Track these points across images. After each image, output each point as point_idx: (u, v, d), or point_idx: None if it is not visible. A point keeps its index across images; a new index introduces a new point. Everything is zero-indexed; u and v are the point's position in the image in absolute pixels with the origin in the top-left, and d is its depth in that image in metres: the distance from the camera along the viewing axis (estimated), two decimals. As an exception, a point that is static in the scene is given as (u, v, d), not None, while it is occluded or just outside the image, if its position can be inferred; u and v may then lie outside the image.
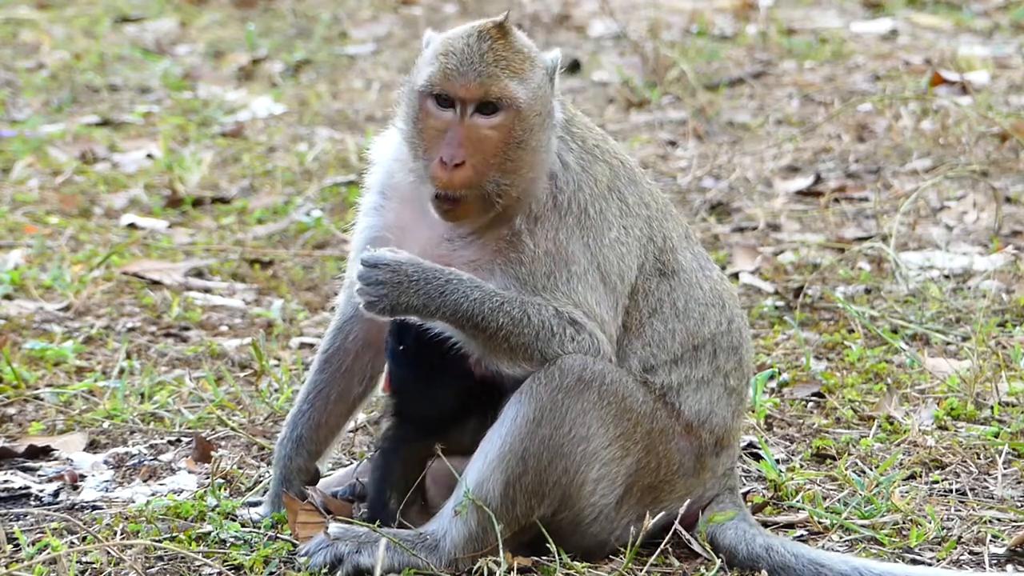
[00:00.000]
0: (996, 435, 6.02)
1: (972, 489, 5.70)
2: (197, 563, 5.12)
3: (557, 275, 5.03)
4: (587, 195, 5.11)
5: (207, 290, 7.93)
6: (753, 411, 6.18)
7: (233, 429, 6.21)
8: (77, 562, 5.10)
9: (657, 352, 5.14)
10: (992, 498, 5.63)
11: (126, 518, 5.45)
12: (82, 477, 5.89)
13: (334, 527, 5.02)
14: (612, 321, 5.07)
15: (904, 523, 5.40)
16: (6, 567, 5.07)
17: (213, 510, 5.42)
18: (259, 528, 5.33)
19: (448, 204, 5.01)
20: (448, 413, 5.12)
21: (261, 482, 5.73)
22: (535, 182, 5.08)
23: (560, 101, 5.18)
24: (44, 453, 6.07)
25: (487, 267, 5.04)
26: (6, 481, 5.85)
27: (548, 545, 5.02)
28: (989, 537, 5.29)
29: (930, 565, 5.15)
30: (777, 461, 5.82)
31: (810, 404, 6.44)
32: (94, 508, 5.63)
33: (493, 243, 5.06)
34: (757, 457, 5.85)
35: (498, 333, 4.94)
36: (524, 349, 4.97)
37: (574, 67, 12.00)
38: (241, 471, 5.84)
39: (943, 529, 5.36)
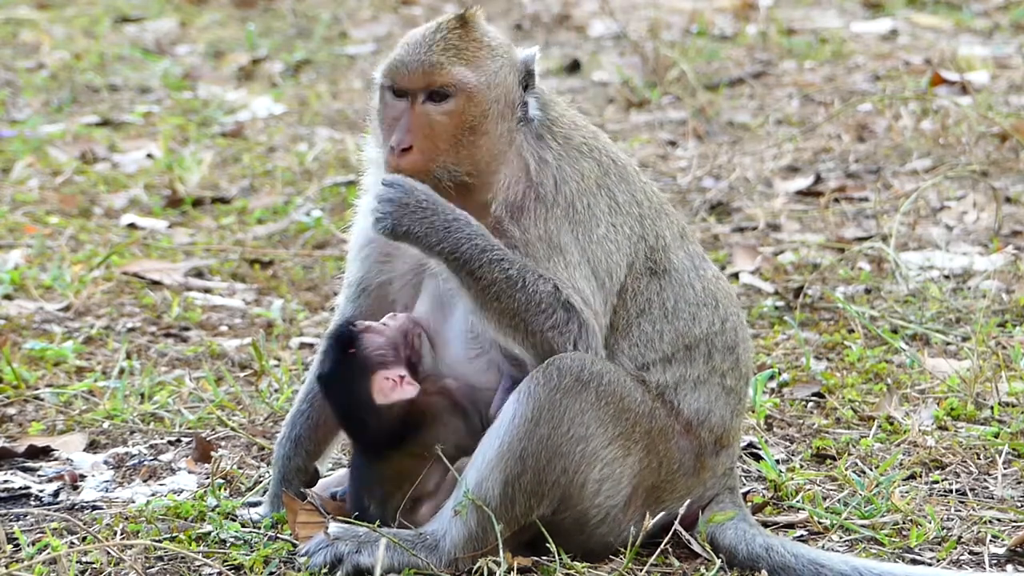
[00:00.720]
0: (996, 435, 6.02)
1: (972, 489, 5.70)
2: (197, 563, 5.12)
3: (555, 260, 5.03)
4: (573, 189, 5.11)
5: (207, 290, 7.93)
6: (753, 411, 6.18)
7: (233, 429, 6.21)
8: (77, 562, 5.10)
9: (645, 352, 5.14)
10: (992, 498, 5.63)
11: (126, 518, 5.45)
12: (82, 477, 5.89)
13: (334, 527, 5.02)
14: (603, 312, 5.08)
15: (904, 523, 5.40)
16: (6, 567, 5.07)
17: (213, 510, 5.42)
18: (259, 528, 5.33)
19: None
20: (391, 431, 5.11)
21: (261, 482, 5.73)
22: (493, 170, 5.08)
23: (541, 100, 5.18)
24: (44, 453, 6.07)
25: None
26: (6, 481, 5.85)
27: (548, 545, 5.02)
28: (989, 537, 5.29)
29: (930, 565, 5.15)
30: (777, 461, 5.82)
31: (810, 404, 6.43)
32: (94, 508, 5.63)
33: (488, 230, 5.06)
34: (757, 457, 5.85)
35: (490, 288, 4.94)
36: (512, 315, 4.96)
37: (574, 67, 12.01)
38: (241, 471, 5.84)
39: (943, 529, 5.36)
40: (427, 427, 5.10)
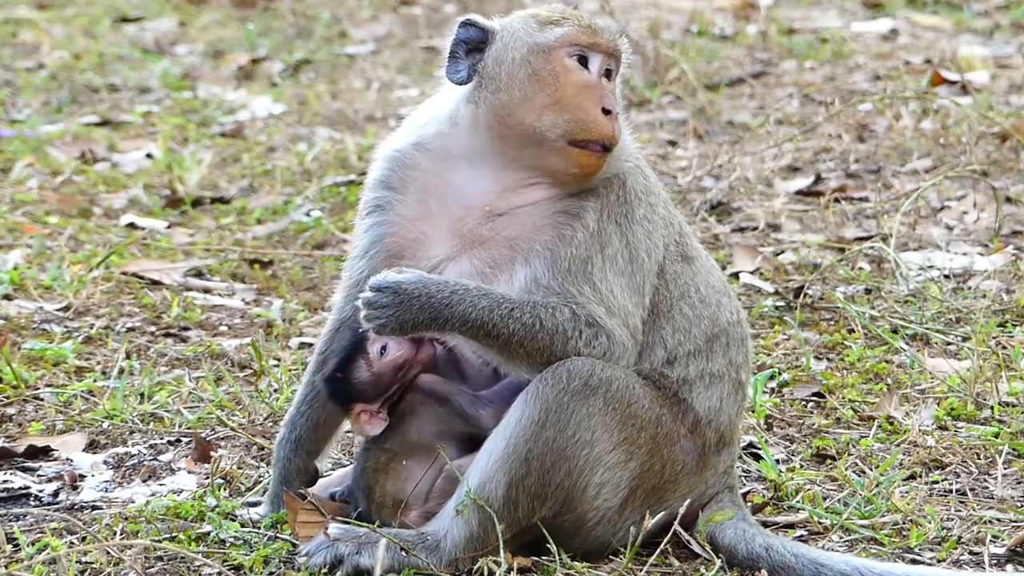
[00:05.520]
0: (996, 435, 6.02)
1: (972, 489, 5.70)
2: (197, 563, 5.12)
3: (593, 260, 5.02)
4: (624, 169, 5.16)
5: (207, 290, 7.93)
6: (753, 411, 6.18)
7: (233, 429, 6.21)
8: (77, 562, 5.10)
9: (684, 340, 5.14)
10: (992, 498, 5.62)
11: (126, 518, 5.44)
12: (82, 477, 5.89)
13: (334, 527, 5.02)
14: (636, 309, 5.06)
15: (904, 523, 5.39)
16: (6, 567, 5.07)
17: (213, 510, 5.42)
18: (259, 528, 5.32)
19: (601, 154, 5.04)
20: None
21: (261, 482, 5.73)
22: (629, 148, 5.18)
23: None
24: (44, 453, 6.07)
25: (525, 246, 5.03)
26: (6, 481, 5.85)
27: (549, 545, 5.02)
28: (989, 537, 5.29)
29: (930, 565, 5.15)
30: (777, 461, 5.81)
31: (810, 404, 6.43)
32: (94, 508, 5.63)
33: (547, 217, 5.06)
34: (757, 457, 5.85)
35: (511, 339, 4.93)
36: (540, 353, 4.96)
37: (574, 67, 11.99)
38: (241, 471, 5.84)
39: (943, 529, 5.36)
40: (404, 422, 5.14)
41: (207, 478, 5.79)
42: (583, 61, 5.08)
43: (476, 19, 5.22)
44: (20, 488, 5.80)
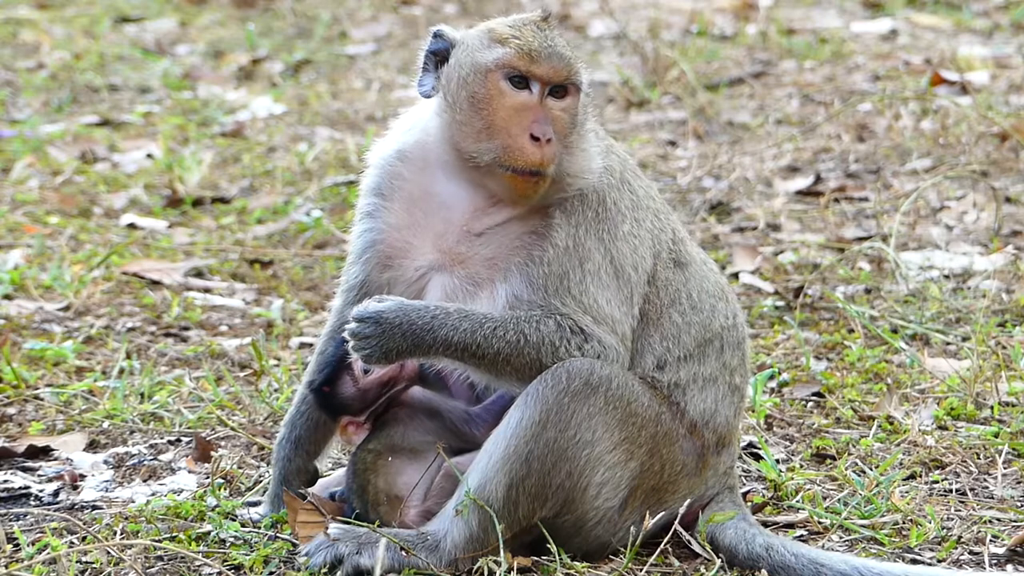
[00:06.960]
0: (996, 435, 6.02)
1: (972, 489, 5.70)
2: (197, 563, 5.12)
3: (571, 275, 5.01)
4: (605, 185, 5.13)
5: (207, 290, 7.93)
6: (753, 411, 6.18)
7: (233, 429, 6.21)
8: (77, 562, 5.10)
9: (673, 347, 5.14)
10: (992, 498, 5.63)
11: (126, 518, 5.45)
12: (82, 477, 5.89)
13: (334, 528, 5.02)
14: (624, 318, 5.07)
15: (904, 523, 5.40)
16: (6, 567, 5.07)
17: (213, 510, 5.42)
18: (259, 528, 5.33)
19: (532, 180, 5.00)
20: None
21: (261, 482, 5.73)
22: (590, 166, 5.11)
23: None
24: (44, 453, 6.07)
25: (502, 265, 5.03)
26: (6, 481, 5.85)
27: (549, 545, 5.02)
28: (989, 537, 5.29)
29: (930, 565, 5.15)
30: (777, 461, 5.82)
31: (810, 404, 6.44)
32: (94, 508, 5.63)
33: (517, 238, 5.05)
34: (757, 457, 5.85)
35: (497, 358, 4.94)
36: (528, 368, 4.96)
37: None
38: (241, 471, 5.84)
39: (943, 529, 5.36)
40: (387, 425, 5.17)
41: (207, 478, 5.80)
42: (522, 82, 5.04)
43: (444, 30, 5.19)
44: (20, 488, 5.80)
